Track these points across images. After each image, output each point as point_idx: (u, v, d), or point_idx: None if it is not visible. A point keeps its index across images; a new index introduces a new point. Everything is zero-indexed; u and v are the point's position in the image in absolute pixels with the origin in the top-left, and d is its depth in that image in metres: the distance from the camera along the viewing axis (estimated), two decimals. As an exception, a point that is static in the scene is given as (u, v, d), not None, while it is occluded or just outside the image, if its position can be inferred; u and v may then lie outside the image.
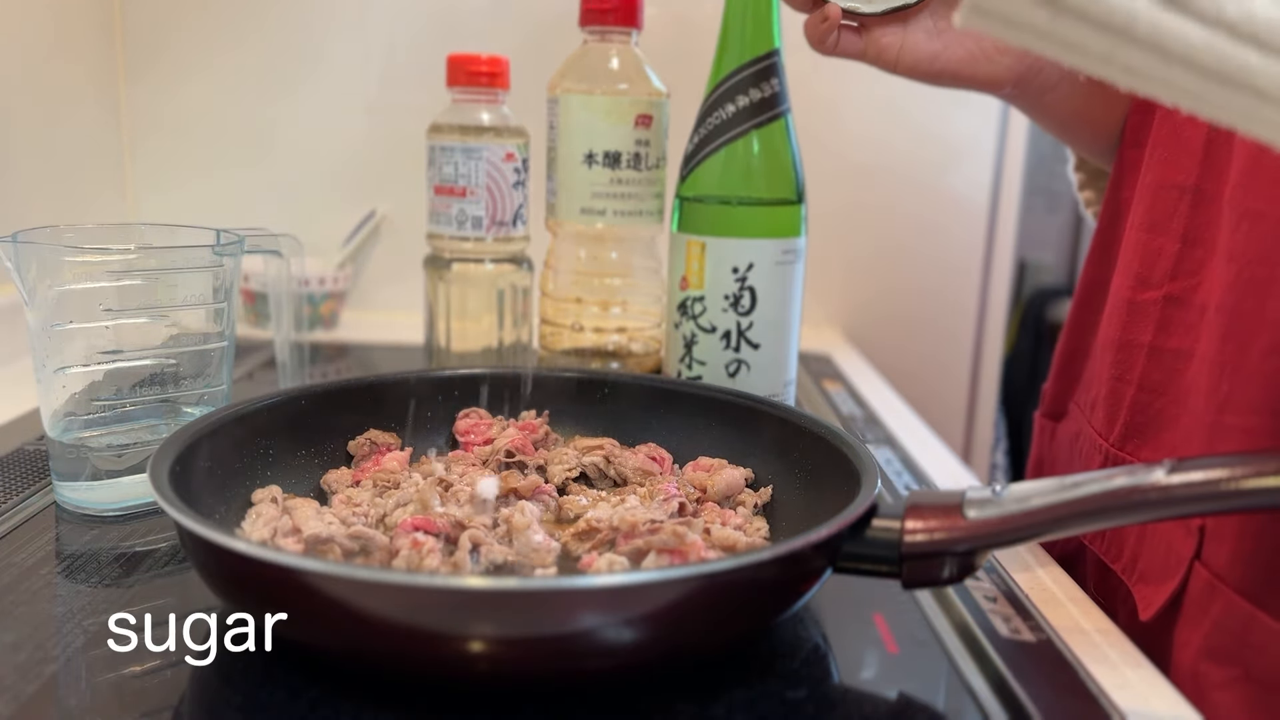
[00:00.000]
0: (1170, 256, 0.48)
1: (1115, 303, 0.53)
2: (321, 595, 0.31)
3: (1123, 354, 0.51)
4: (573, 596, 0.32)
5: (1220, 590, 0.41)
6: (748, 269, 0.61)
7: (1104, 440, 0.52)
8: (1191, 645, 0.42)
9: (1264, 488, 0.32)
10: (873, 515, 0.38)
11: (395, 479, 0.48)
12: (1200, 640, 0.42)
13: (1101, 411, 0.53)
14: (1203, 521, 0.43)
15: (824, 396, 0.78)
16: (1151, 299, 0.49)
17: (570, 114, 0.68)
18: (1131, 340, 0.50)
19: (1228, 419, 0.42)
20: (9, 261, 0.45)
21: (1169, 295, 0.48)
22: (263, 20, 0.99)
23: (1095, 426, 0.53)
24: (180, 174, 1.02)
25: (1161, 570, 0.45)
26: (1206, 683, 0.41)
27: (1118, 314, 0.52)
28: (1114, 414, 0.51)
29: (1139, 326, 0.50)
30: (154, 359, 0.48)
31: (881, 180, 1.05)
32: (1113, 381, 0.51)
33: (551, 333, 0.73)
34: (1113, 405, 0.51)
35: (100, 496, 0.48)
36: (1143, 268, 0.50)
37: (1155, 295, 0.49)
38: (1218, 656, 0.41)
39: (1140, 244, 0.50)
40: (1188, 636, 0.43)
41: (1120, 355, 0.51)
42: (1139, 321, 0.50)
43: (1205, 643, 0.42)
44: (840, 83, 0.90)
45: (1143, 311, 0.50)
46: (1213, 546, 0.42)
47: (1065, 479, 0.36)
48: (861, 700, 0.35)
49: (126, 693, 0.34)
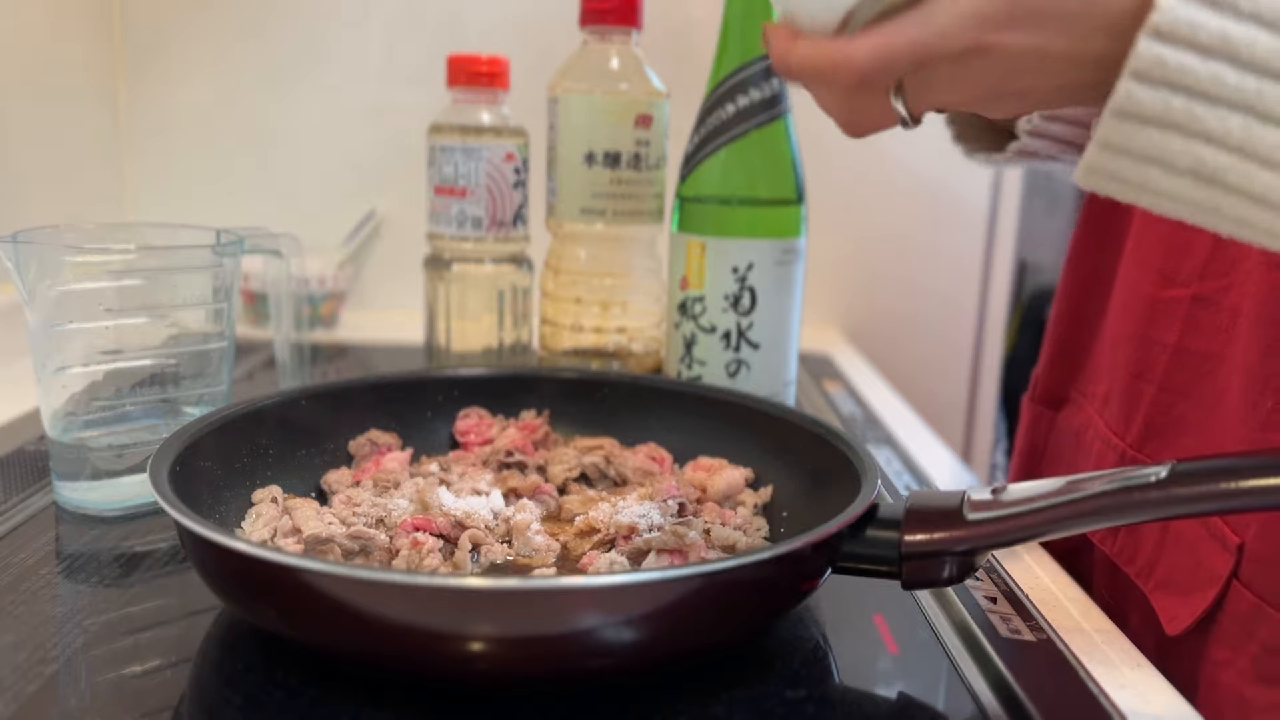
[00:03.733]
0: (1201, 253, 0.46)
1: (1133, 296, 0.51)
2: (322, 595, 0.31)
3: (1142, 351, 0.49)
4: (573, 596, 0.32)
5: (1267, 614, 0.40)
6: (748, 269, 0.61)
7: (1119, 439, 0.51)
8: (1234, 666, 0.41)
9: (1264, 487, 0.32)
10: (873, 515, 0.38)
11: (395, 479, 0.48)
12: (1247, 663, 0.41)
13: (1116, 408, 0.51)
14: (1241, 539, 0.41)
15: (824, 396, 0.78)
16: (1178, 297, 0.47)
17: (570, 114, 0.68)
18: (1154, 338, 0.48)
19: (1273, 437, 0.40)
20: (9, 261, 0.45)
21: (1198, 295, 0.46)
22: (263, 20, 0.99)
23: (1109, 423, 0.52)
24: (180, 174, 1.02)
25: (1188, 582, 0.44)
26: (1254, 705, 0.40)
27: (1136, 309, 0.50)
28: (1131, 412, 0.50)
29: (1163, 325, 0.48)
30: (154, 359, 0.48)
31: (881, 180, 1.05)
32: (1130, 379, 0.50)
33: (551, 333, 0.73)
34: (1129, 403, 0.50)
35: (100, 496, 0.48)
36: (1167, 263, 0.48)
37: (1183, 294, 0.47)
38: (1267, 679, 0.40)
39: (1165, 237, 0.48)
40: (1228, 657, 0.42)
41: (1140, 353, 0.49)
42: (1163, 320, 0.48)
43: (1254, 666, 0.40)
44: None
45: (1168, 310, 0.48)
46: (1254, 568, 0.41)
47: (1065, 479, 0.35)
48: (861, 700, 0.35)
49: (126, 693, 0.34)
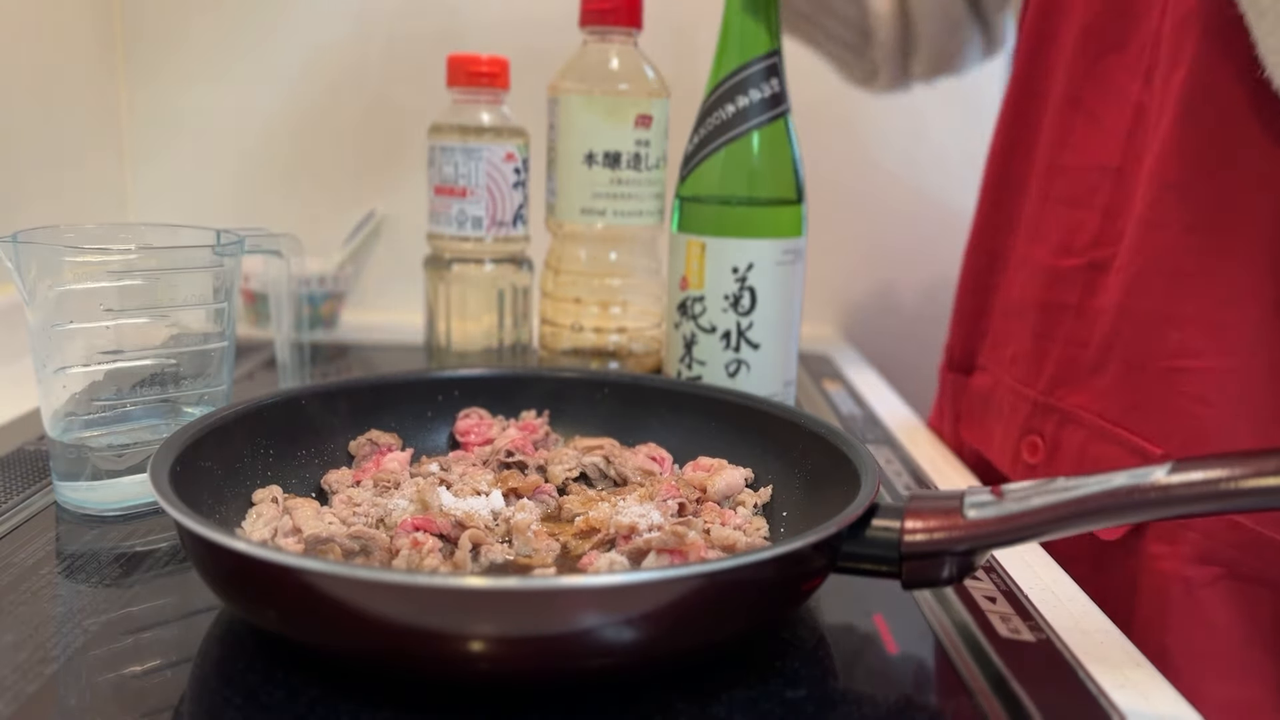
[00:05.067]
0: (1092, 229, 0.55)
1: (1031, 270, 0.60)
2: (322, 595, 0.31)
3: (1046, 314, 0.58)
4: (573, 596, 0.32)
5: None
6: (748, 269, 0.61)
7: (1030, 389, 0.59)
8: (1175, 556, 0.49)
9: (1264, 487, 0.32)
10: (872, 515, 0.38)
11: (395, 479, 0.48)
12: (1187, 550, 0.49)
13: (1024, 365, 0.60)
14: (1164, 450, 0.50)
15: (824, 396, 0.78)
16: (1076, 265, 0.56)
17: (570, 114, 0.68)
18: (1057, 301, 0.57)
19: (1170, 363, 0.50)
20: (9, 261, 0.45)
21: (1092, 262, 0.55)
22: (263, 20, 0.99)
23: (1017, 378, 0.61)
24: (180, 174, 1.02)
25: None
26: (1197, 581, 0.49)
27: (1036, 279, 0.59)
28: (1039, 366, 0.58)
29: (1064, 289, 0.57)
30: (154, 359, 0.48)
31: (882, 180, 1.05)
32: (1036, 339, 0.59)
33: (551, 333, 0.73)
34: (1037, 359, 0.59)
35: (100, 496, 0.48)
36: (1063, 236, 0.57)
37: (1079, 262, 0.56)
38: (1208, 559, 0.49)
39: (1061, 218, 0.57)
40: (1166, 550, 0.50)
41: (1043, 315, 0.58)
42: (1063, 285, 0.57)
43: (1193, 551, 0.49)
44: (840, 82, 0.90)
45: (1068, 276, 0.57)
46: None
47: (1065, 479, 0.36)
48: (861, 700, 0.35)
49: (126, 693, 0.34)
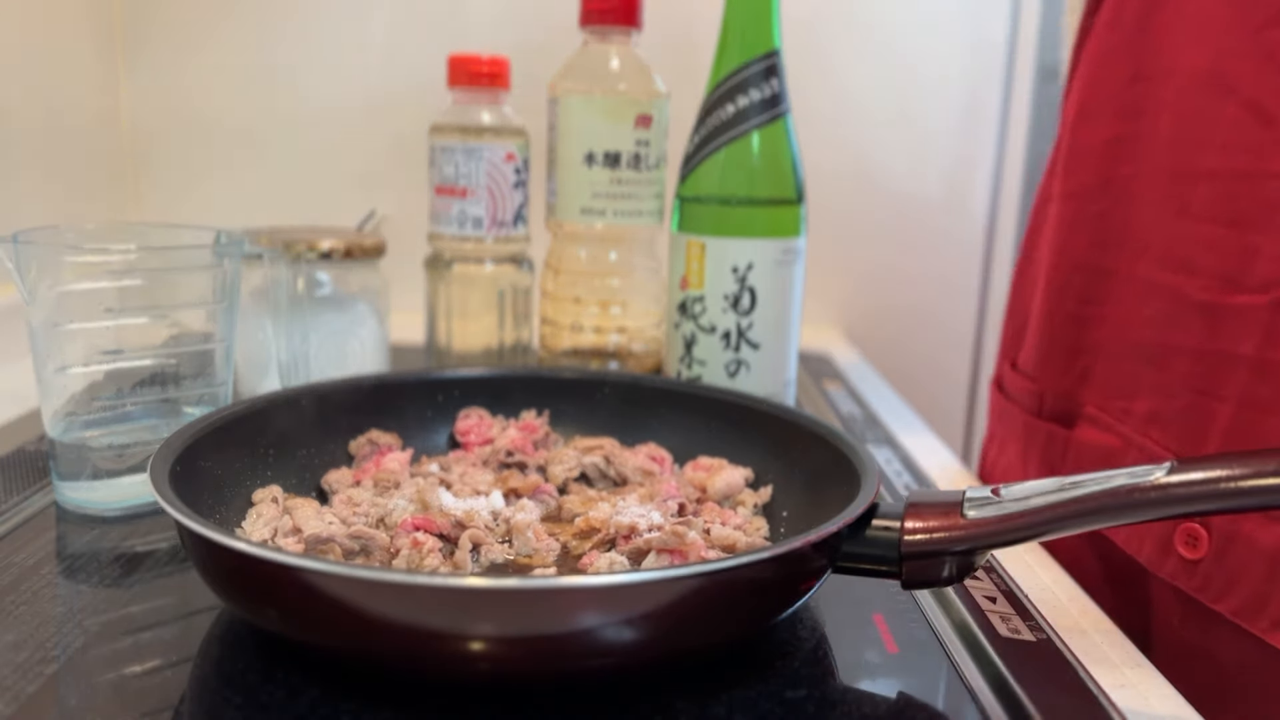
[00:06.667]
0: (1272, 256, 0.42)
1: (1165, 301, 0.47)
2: (322, 595, 0.31)
3: (1205, 365, 0.45)
4: (573, 596, 0.32)
5: None
6: (748, 269, 0.61)
7: None
8: None
9: (1264, 487, 0.32)
10: (872, 515, 0.38)
11: (396, 479, 0.48)
12: None
13: (1177, 429, 0.46)
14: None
15: (824, 396, 0.78)
16: (1253, 304, 0.42)
17: (570, 114, 0.68)
18: (1221, 350, 0.44)
19: None
20: (9, 261, 0.45)
21: (1277, 301, 0.41)
22: (264, 20, 0.99)
23: (1167, 445, 0.47)
24: (180, 174, 1.02)
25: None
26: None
27: (1184, 317, 0.46)
28: (1202, 433, 0.45)
29: (1231, 335, 0.43)
30: (154, 359, 0.48)
31: (882, 180, 1.05)
32: (1194, 395, 0.45)
33: (551, 333, 0.73)
34: (1197, 423, 0.45)
35: (101, 496, 0.48)
36: (1224, 265, 0.44)
37: (1260, 300, 0.42)
38: None
39: (1213, 240, 0.44)
40: None
41: (1202, 367, 0.45)
42: (1230, 329, 0.43)
43: None
44: (841, 82, 0.90)
45: (1238, 318, 0.43)
46: None
47: (1064, 479, 0.36)
48: (861, 700, 0.35)
49: (126, 693, 0.34)
